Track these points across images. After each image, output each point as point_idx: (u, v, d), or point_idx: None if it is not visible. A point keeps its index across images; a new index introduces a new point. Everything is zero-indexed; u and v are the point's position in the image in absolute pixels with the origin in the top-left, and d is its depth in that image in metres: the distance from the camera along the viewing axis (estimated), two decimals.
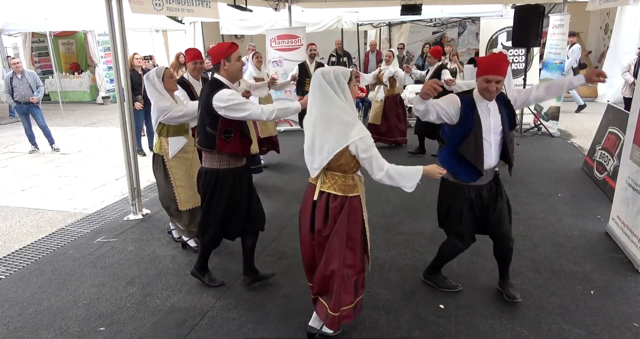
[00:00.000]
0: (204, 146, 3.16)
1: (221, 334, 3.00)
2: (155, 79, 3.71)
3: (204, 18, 11.73)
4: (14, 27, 13.11)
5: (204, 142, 3.16)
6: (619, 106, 6.37)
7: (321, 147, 2.54)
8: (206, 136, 3.12)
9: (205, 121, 3.11)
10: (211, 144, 3.11)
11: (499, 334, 2.91)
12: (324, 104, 2.52)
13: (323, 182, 2.64)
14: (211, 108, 3.00)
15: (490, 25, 8.92)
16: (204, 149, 3.18)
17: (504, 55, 2.90)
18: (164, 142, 3.88)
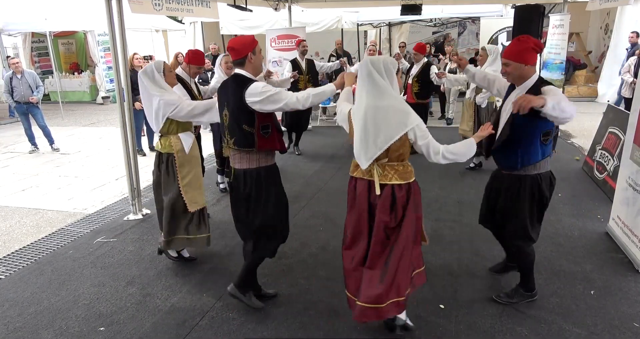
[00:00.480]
0: (242, 145, 2.91)
1: (221, 334, 3.00)
2: (155, 73, 3.53)
3: (204, 18, 11.73)
4: (14, 27, 13.11)
5: (241, 142, 2.91)
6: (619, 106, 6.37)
7: (375, 137, 2.54)
8: (244, 135, 2.89)
9: (239, 119, 2.88)
10: (250, 142, 2.90)
11: (499, 334, 2.91)
12: (376, 94, 2.54)
13: (382, 175, 2.62)
14: (244, 104, 2.83)
15: (490, 25, 8.94)
16: (241, 149, 2.93)
17: (518, 39, 2.84)
18: (174, 140, 3.64)
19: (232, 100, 2.88)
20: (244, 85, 2.83)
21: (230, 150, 3.01)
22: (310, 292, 3.44)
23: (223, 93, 2.99)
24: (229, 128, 2.96)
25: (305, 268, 3.79)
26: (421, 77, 6.71)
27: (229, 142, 2.98)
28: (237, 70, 2.97)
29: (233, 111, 2.90)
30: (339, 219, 4.76)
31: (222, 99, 3.00)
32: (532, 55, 2.81)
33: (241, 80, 2.90)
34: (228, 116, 2.94)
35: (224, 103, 2.96)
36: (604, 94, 11.44)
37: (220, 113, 3.03)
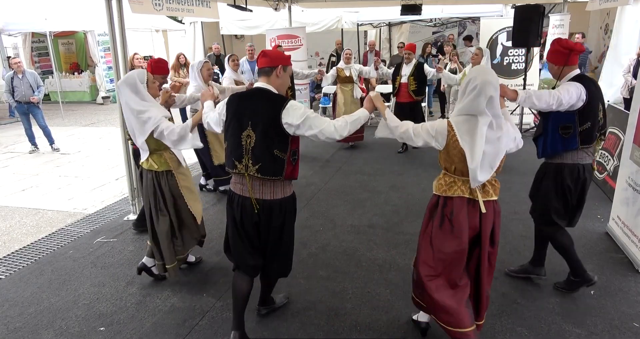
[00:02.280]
0: (268, 174, 2.53)
1: (221, 334, 3.00)
2: (138, 84, 3.19)
3: (204, 18, 11.73)
4: (14, 27, 13.11)
5: (268, 169, 2.52)
6: (619, 106, 6.37)
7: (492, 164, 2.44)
8: (273, 161, 2.52)
9: (272, 142, 2.50)
10: (278, 170, 2.53)
11: (499, 334, 2.91)
12: (494, 110, 2.38)
13: (484, 192, 2.51)
14: (280, 126, 2.47)
15: (490, 25, 8.92)
16: (266, 178, 2.54)
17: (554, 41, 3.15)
18: (168, 155, 3.38)
19: (263, 120, 2.49)
20: (279, 103, 2.50)
21: (245, 178, 2.59)
22: (310, 292, 3.44)
23: (241, 109, 2.57)
24: (253, 152, 2.52)
25: (305, 267, 3.79)
26: (417, 75, 6.92)
27: (249, 168, 2.54)
28: (261, 83, 2.61)
29: (265, 133, 2.49)
30: (339, 219, 4.77)
31: (240, 118, 2.56)
32: (559, 57, 3.10)
33: (272, 96, 2.57)
34: (254, 138, 2.51)
35: (245, 122, 2.53)
36: (604, 94, 11.41)
37: (237, 134, 2.56)
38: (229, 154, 2.63)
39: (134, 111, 3.16)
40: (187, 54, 10.64)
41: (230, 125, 2.60)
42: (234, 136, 2.58)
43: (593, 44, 13.79)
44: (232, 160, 2.61)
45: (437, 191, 2.62)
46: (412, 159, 6.86)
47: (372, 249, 4.08)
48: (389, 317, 3.11)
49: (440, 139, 2.49)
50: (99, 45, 13.67)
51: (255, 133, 2.51)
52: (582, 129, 3.04)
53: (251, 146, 2.52)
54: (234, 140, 2.58)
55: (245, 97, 2.63)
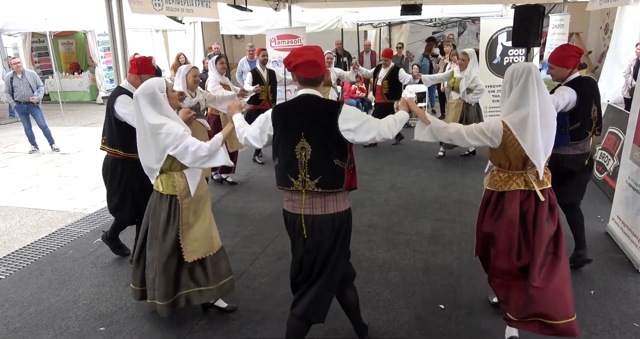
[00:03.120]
0: (329, 186, 2.34)
1: (221, 334, 3.00)
2: (157, 94, 2.80)
3: (204, 18, 11.74)
4: (14, 27, 13.12)
5: (329, 182, 2.34)
6: (619, 106, 6.37)
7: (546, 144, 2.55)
8: (333, 173, 2.34)
9: (331, 152, 2.33)
10: (339, 181, 2.36)
11: (499, 334, 2.91)
12: (542, 100, 2.50)
13: (540, 182, 2.61)
14: (338, 133, 2.30)
15: (490, 25, 8.91)
16: (327, 191, 2.36)
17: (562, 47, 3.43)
18: (177, 178, 2.91)
19: (319, 129, 2.32)
20: (334, 108, 2.34)
21: (302, 194, 2.38)
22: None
23: (292, 120, 2.37)
24: (310, 165, 2.33)
25: None
26: (390, 79, 7.17)
27: (307, 183, 2.34)
28: (307, 90, 2.39)
29: (322, 143, 2.31)
30: None
31: (290, 128, 2.36)
32: (572, 61, 3.35)
33: (324, 102, 2.43)
34: (309, 150, 2.31)
35: (298, 133, 2.33)
36: (604, 94, 11.37)
37: (290, 148, 2.35)
38: (283, 171, 2.41)
39: (151, 125, 2.76)
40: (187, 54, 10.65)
41: (281, 139, 2.39)
42: (286, 150, 2.37)
43: (593, 44, 13.79)
44: (287, 177, 2.39)
45: (491, 187, 2.72)
46: (412, 159, 6.86)
47: (372, 249, 4.08)
48: (389, 317, 3.11)
49: (495, 140, 2.57)
50: (99, 45, 13.66)
51: (310, 144, 2.32)
52: (572, 128, 3.37)
53: (307, 159, 2.33)
54: (287, 155, 2.37)
55: (293, 106, 2.41)
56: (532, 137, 2.48)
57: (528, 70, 2.50)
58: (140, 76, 3.70)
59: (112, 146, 3.74)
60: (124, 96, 3.60)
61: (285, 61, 2.43)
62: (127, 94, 3.63)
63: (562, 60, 3.36)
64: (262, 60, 6.53)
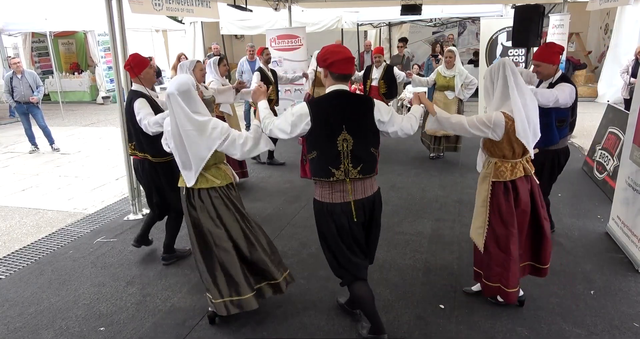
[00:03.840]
0: (368, 172, 2.60)
1: (221, 334, 3.00)
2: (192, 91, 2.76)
3: (204, 18, 11.74)
4: (14, 27, 13.12)
5: (368, 168, 2.60)
6: (619, 106, 6.37)
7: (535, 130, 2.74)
8: (371, 160, 2.61)
9: (370, 142, 2.59)
10: (374, 166, 2.65)
11: (499, 334, 2.91)
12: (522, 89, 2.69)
13: (525, 169, 2.86)
14: (374, 125, 2.56)
15: (490, 25, 8.92)
16: (367, 176, 2.60)
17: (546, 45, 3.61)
18: (225, 168, 3.01)
19: (359, 121, 2.54)
20: (369, 102, 2.58)
21: (347, 183, 2.57)
22: (310, 292, 3.44)
23: (331, 114, 2.53)
24: (352, 155, 2.53)
25: (305, 268, 3.79)
26: (386, 78, 7.00)
27: (350, 172, 2.54)
28: (340, 86, 2.57)
29: (362, 134, 2.54)
30: None
31: (332, 124, 2.51)
32: (557, 57, 3.51)
33: (359, 97, 2.69)
34: (351, 141, 2.51)
35: (339, 126, 2.50)
36: (604, 94, 11.43)
37: (331, 140, 2.51)
38: (323, 163, 2.54)
39: (197, 123, 2.72)
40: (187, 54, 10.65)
41: (321, 133, 2.53)
42: (327, 142, 2.51)
43: (593, 44, 13.80)
44: (327, 169, 2.53)
45: (500, 178, 2.85)
46: (412, 159, 6.87)
47: None
48: (389, 317, 3.11)
49: (498, 131, 2.72)
50: (99, 45, 13.67)
51: (352, 136, 2.51)
52: (571, 121, 3.67)
53: (350, 149, 2.52)
54: (328, 147, 2.52)
55: (331, 101, 2.57)
56: (521, 123, 2.64)
57: (503, 65, 2.70)
58: (139, 77, 3.66)
59: (142, 151, 3.73)
60: (141, 100, 3.61)
61: (320, 58, 2.57)
62: (143, 98, 3.64)
63: (549, 56, 3.48)
64: (265, 59, 6.47)
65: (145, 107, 3.57)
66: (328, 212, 2.63)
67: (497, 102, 2.76)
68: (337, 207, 2.60)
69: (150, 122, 3.46)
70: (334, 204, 2.60)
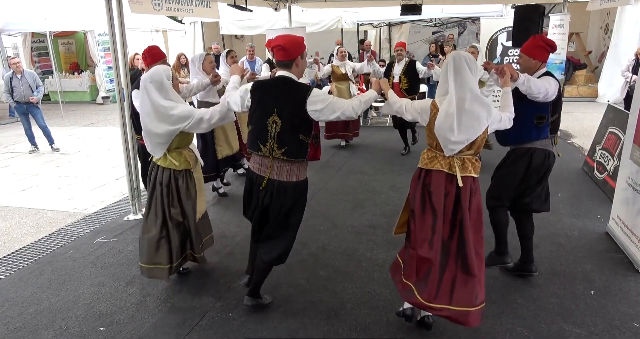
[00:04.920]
0: (293, 156, 2.76)
1: (221, 334, 3.00)
2: (164, 81, 3.12)
3: (204, 18, 11.74)
4: (14, 27, 13.12)
5: (294, 152, 2.76)
6: (619, 106, 6.37)
7: (467, 127, 2.61)
8: (299, 145, 2.76)
9: (297, 128, 2.73)
10: (303, 152, 2.80)
11: (499, 334, 2.91)
12: (463, 84, 2.62)
13: (463, 168, 2.70)
14: (305, 112, 2.70)
15: (490, 25, 8.93)
16: (292, 160, 2.77)
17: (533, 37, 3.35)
18: (188, 153, 3.34)
19: (288, 107, 2.71)
20: (304, 91, 2.70)
21: (270, 160, 2.78)
22: (310, 292, 3.44)
23: (268, 98, 2.76)
24: (279, 137, 2.73)
25: (305, 267, 3.79)
26: (408, 73, 6.84)
27: (274, 152, 2.75)
28: (283, 72, 2.79)
29: (290, 119, 2.70)
30: (339, 219, 4.77)
31: (265, 105, 2.75)
32: (541, 52, 3.28)
33: (296, 85, 2.76)
34: (279, 123, 2.71)
35: (271, 109, 2.72)
36: (604, 94, 11.44)
37: (262, 120, 2.75)
38: (254, 137, 2.82)
39: (161, 106, 3.09)
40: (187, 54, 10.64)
41: (256, 111, 2.79)
42: (259, 121, 2.77)
43: (593, 44, 13.80)
44: (257, 143, 2.81)
45: (420, 164, 2.85)
46: (412, 159, 6.86)
47: (372, 249, 4.08)
48: (389, 317, 3.11)
49: (424, 116, 2.77)
50: (99, 45, 13.66)
51: (281, 119, 2.70)
52: (552, 120, 3.32)
53: (277, 131, 2.72)
54: (259, 125, 2.77)
55: (270, 85, 2.81)
56: (444, 116, 2.63)
57: (450, 60, 2.69)
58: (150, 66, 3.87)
59: (139, 133, 4.02)
60: (135, 91, 3.96)
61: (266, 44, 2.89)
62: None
63: (530, 49, 3.31)
64: None
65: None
66: (248, 178, 2.96)
67: (439, 91, 2.79)
68: (254, 177, 2.89)
69: None
70: (252, 172, 2.90)
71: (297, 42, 2.80)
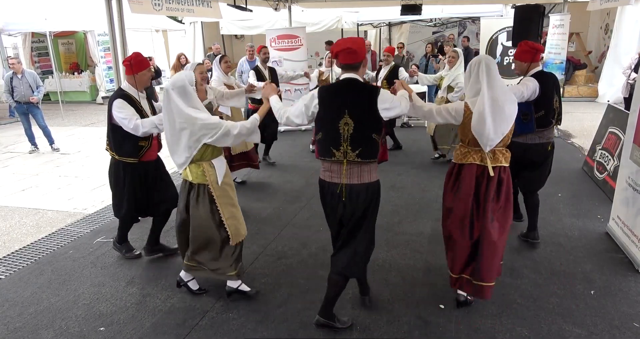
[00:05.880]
0: (367, 157, 2.73)
1: (221, 334, 3.00)
2: (187, 87, 2.94)
3: (205, 18, 11.74)
4: (14, 27, 13.11)
5: (368, 153, 2.73)
6: (619, 106, 6.37)
7: (501, 124, 2.84)
8: (372, 145, 2.73)
9: (370, 127, 2.71)
10: (375, 152, 2.77)
11: (499, 334, 2.91)
12: (491, 86, 2.84)
13: (494, 159, 2.95)
14: (376, 112, 2.70)
15: (490, 25, 8.93)
16: (365, 161, 2.74)
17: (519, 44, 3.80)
18: (207, 167, 3.09)
19: (359, 107, 2.69)
20: (374, 91, 2.73)
21: (343, 165, 2.73)
22: (310, 292, 3.44)
23: (338, 101, 2.71)
24: (352, 139, 2.69)
25: (305, 267, 3.79)
26: (390, 78, 6.85)
27: (348, 154, 2.70)
28: (350, 74, 2.75)
29: (362, 120, 2.68)
30: None
31: (336, 108, 2.70)
32: (527, 55, 3.73)
33: (365, 86, 2.78)
34: (352, 125, 2.67)
35: (342, 111, 2.68)
36: (604, 94, 11.44)
37: (334, 124, 2.70)
38: (327, 143, 2.75)
39: (187, 116, 2.91)
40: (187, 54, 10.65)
41: (325, 116, 2.76)
42: (330, 125, 2.72)
43: (593, 44, 13.80)
44: (329, 149, 2.75)
45: (455, 159, 3.11)
46: (412, 159, 6.86)
47: None
48: (389, 317, 3.11)
49: (458, 117, 2.98)
50: (99, 45, 13.66)
51: (353, 120, 2.68)
52: (537, 116, 3.71)
53: (350, 133, 2.69)
54: (331, 129, 2.72)
55: (338, 88, 2.79)
56: (478, 115, 2.84)
57: (479, 61, 2.91)
58: (135, 76, 3.60)
59: (111, 149, 3.90)
60: (120, 101, 3.59)
61: (331, 49, 2.81)
62: (124, 98, 3.62)
63: (519, 55, 3.80)
64: (263, 58, 6.41)
65: (126, 108, 3.58)
66: (321, 188, 2.90)
67: (469, 93, 2.99)
68: (326, 185, 2.84)
69: (145, 122, 3.51)
70: (324, 181, 2.85)
71: (363, 43, 2.82)
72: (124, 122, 3.57)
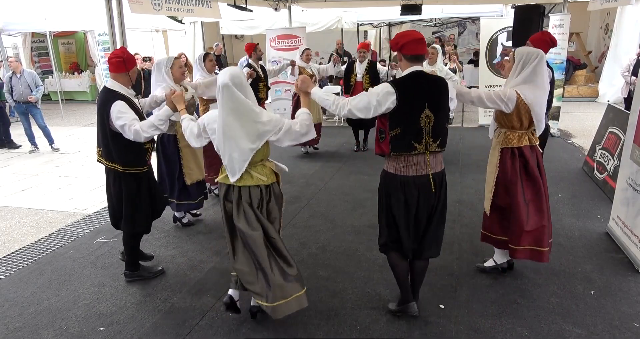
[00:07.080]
0: (444, 145, 2.85)
1: (221, 334, 3.00)
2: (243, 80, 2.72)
3: (205, 18, 11.73)
4: (14, 27, 13.10)
5: (444, 142, 2.84)
6: (619, 106, 6.37)
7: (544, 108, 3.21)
8: (446, 133, 2.88)
9: (445, 117, 2.84)
10: (446, 140, 2.89)
11: (499, 334, 2.91)
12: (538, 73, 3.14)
13: (530, 140, 3.26)
14: (447, 100, 2.84)
15: (490, 25, 8.92)
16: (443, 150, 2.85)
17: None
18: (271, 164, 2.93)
19: (437, 100, 2.71)
20: (443, 80, 2.80)
21: (426, 156, 2.75)
22: (310, 292, 3.43)
23: (417, 95, 2.68)
24: (433, 130, 2.72)
25: (305, 268, 3.79)
26: (370, 73, 7.01)
27: (430, 146, 2.73)
28: (417, 67, 2.72)
29: (440, 111, 2.73)
30: (339, 219, 4.77)
31: (416, 102, 2.67)
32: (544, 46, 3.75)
33: (435, 77, 2.83)
34: (432, 117, 2.70)
35: (422, 104, 2.67)
36: (604, 94, 11.44)
37: (415, 118, 2.68)
38: (407, 138, 2.71)
39: (254, 112, 2.67)
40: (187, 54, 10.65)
41: (403, 111, 2.68)
42: (411, 119, 2.69)
43: (593, 44, 13.80)
44: (410, 143, 2.72)
45: (508, 145, 3.27)
46: None
47: (372, 249, 4.08)
48: (389, 317, 3.11)
49: (510, 105, 3.13)
50: (99, 45, 13.62)
51: (433, 112, 2.71)
52: None
53: (431, 125, 2.72)
54: (411, 123, 2.70)
55: (412, 81, 2.71)
56: (539, 106, 3.14)
57: (541, 57, 3.13)
58: (130, 73, 3.33)
59: (111, 161, 3.34)
60: (121, 104, 3.20)
61: (392, 43, 2.77)
62: (122, 100, 3.23)
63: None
64: (258, 56, 6.46)
65: (128, 112, 3.20)
66: (401, 184, 2.80)
67: (519, 82, 3.15)
68: (410, 179, 2.79)
69: (144, 126, 3.19)
70: (407, 176, 2.79)
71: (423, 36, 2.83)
72: (124, 129, 3.17)
